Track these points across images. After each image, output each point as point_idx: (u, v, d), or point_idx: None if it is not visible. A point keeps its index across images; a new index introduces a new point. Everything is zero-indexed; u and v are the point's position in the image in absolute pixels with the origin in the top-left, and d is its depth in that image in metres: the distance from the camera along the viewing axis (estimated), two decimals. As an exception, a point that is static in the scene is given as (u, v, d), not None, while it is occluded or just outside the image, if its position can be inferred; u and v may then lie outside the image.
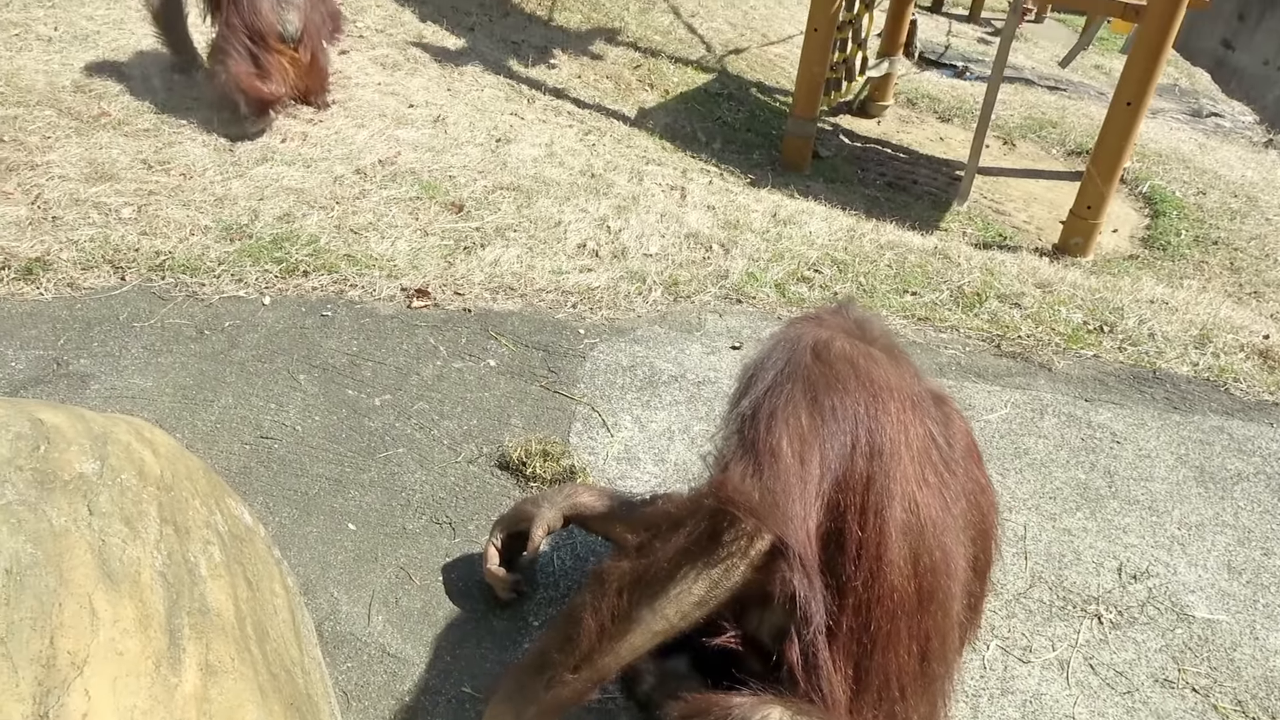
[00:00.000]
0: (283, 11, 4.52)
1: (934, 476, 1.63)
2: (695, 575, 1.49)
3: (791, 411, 1.55)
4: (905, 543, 1.54)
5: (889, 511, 1.53)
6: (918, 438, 1.63)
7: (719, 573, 1.49)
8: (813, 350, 1.65)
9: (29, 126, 4.27)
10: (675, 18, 9.43)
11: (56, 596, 1.30)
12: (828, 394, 1.57)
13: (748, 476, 1.50)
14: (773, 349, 1.71)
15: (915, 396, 1.69)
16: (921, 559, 1.55)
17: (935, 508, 1.59)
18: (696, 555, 1.49)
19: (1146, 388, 3.40)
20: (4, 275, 3.28)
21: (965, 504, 1.71)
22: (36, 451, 1.50)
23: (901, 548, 1.54)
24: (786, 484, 1.50)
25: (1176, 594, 2.51)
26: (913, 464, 1.59)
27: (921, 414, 1.67)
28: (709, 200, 4.76)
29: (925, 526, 1.57)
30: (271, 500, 2.51)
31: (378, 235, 3.84)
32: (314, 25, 4.72)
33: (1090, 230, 6.22)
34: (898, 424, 1.60)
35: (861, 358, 1.67)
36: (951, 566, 1.61)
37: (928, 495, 1.59)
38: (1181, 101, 11.04)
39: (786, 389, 1.58)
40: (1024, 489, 2.85)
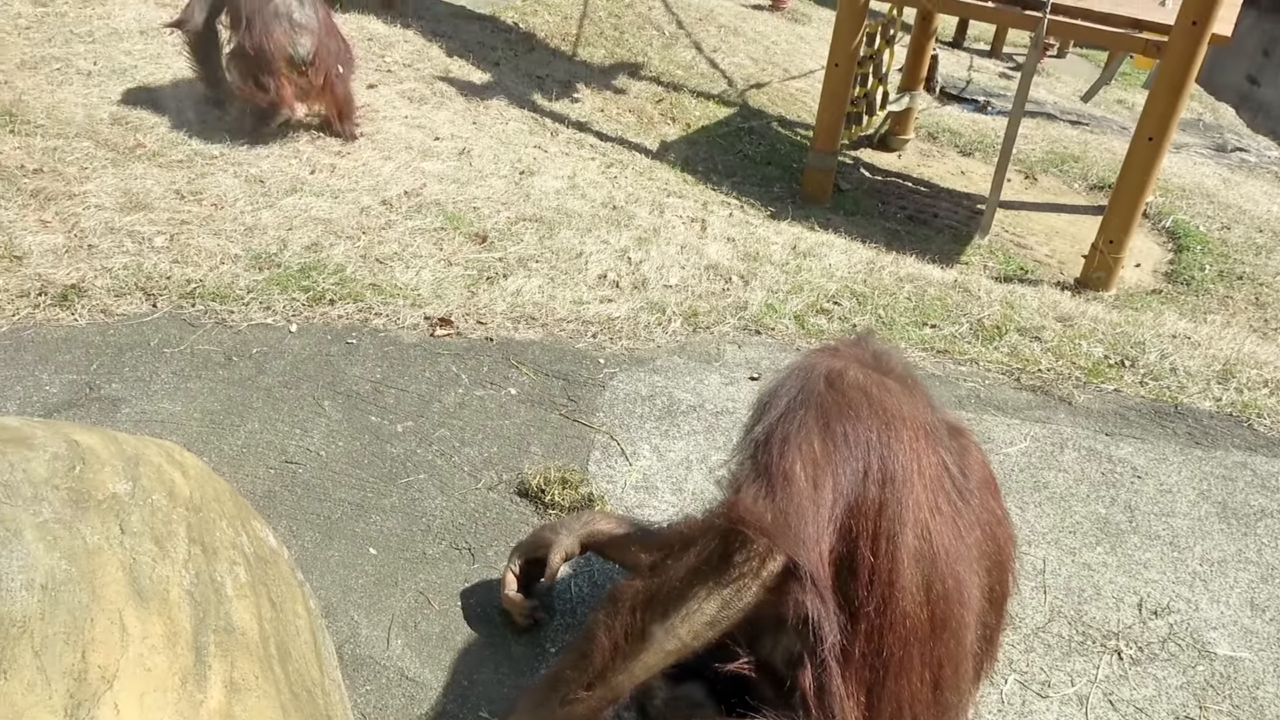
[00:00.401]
0: (295, 35, 4.67)
1: (947, 505, 1.65)
2: (707, 594, 1.51)
3: (804, 437, 1.57)
4: (917, 569, 1.55)
5: (901, 537, 1.55)
6: (930, 466, 1.64)
7: (731, 592, 1.51)
8: (826, 378, 1.68)
9: (67, 157, 4.38)
10: (698, 53, 9.56)
11: (89, 612, 1.34)
12: (840, 420, 1.59)
13: (760, 498, 1.52)
14: (787, 378, 1.73)
15: (929, 426, 1.71)
16: (934, 586, 1.57)
17: (948, 535, 1.61)
18: (708, 574, 1.51)
19: (1168, 422, 3.38)
20: (41, 301, 3.36)
21: (980, 534, 1.72)
22: (72, 472, 1.54)
23: (914, 574, 1.55)
24: (799, 506, 1.52)
25: (1198, 630, 2.49)
26: (925, 491, 1.61)
27: (935, 443, 1.69)
28: (729, 232, 4.80)
29: (938, 554, 1.58)
30: (295, 524, 2.55)
31: (402, 265, 3.90)
32: (328, 51, 4.86)
33: (1112, 264, 6.21)
34: (910, 452, 1.62)
35: (875, 387, 1.69)
36: (965, 595, 1.62)
37: (940, 523, 1.60)
38: (1206, 136, 11.02)
39: (799, 415, 1.60)
40: (1043, 523, 2.84)
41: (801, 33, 11.64)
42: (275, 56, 4.65)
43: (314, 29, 4.75)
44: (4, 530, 1.37)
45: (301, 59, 4.71)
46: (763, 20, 11.44)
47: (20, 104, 4.71)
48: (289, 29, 4.65)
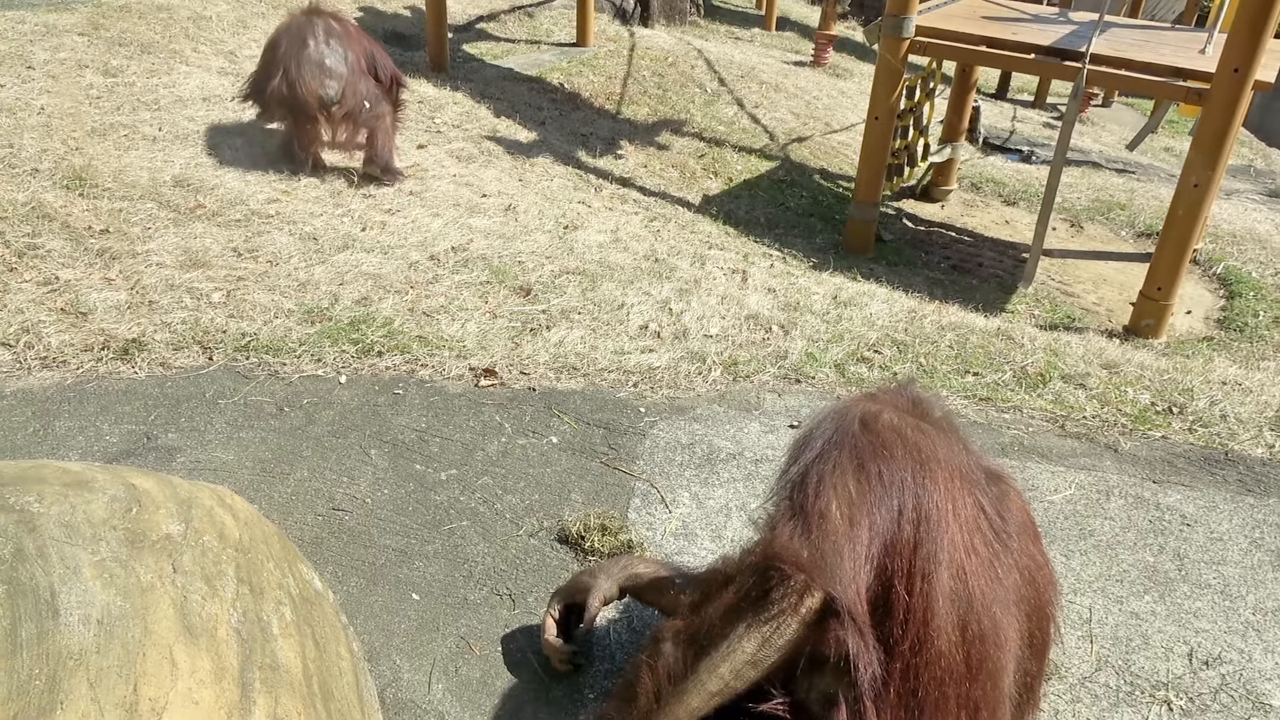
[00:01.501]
0: (324, 79, 5.26)
1: (984, 547, 1.65)
2: (747, 630, 1.53)
3: (839, 477, 1.60)
4: (953, 609, 1.55)
5: (936, 577, 1.55)
6: (966, 508, 1.65)
7: (770, 629, 1.53)
8: (861, 420, 1.71)
9: (132, 218, 4.59)
10: (739, 109, 9.71)
11: (141, 646, 1.39)
12: (874, 461, 1.62)
13: (796, 535, 1.54)
14: (822, 420, 1.76)
15: (965, 469, 1.71)
16: (969, 626, 1.56)
17: (984, 577, 1.61)
18: (747, 611, 1.53)
19: (1218, 469, 3.32)
20: (103, 355, 3.51)
21: (1019, 578, 1.71)
22: (129, 513, 1.62)
23: (949, 614, 1.55)
24: (835, 543, 1.54)
25: (1252, 681, 2.43)
26: (961, 532, 1.61)
27: (971, 486, 1.69)
28: (770, 283, 4.85)
29: (973, 595, 1.58)
30: (341, 569, 2.61)
31: (448, 317, 4.00)
32: (355, 92, 5.39)
33: (1162, 311, 6.13)
34: (945, 493, 1.63)
35: (909, 429, 1.71)
36: (1001, 637, 1.61)
37: (976, 564, 1.60)
38: (1258, 182, 10.88)
39: (834, 455, 1.63)
40: (1089, 571, 2.80)
41: (842, 87, 11.78)
42: (308, 97, 5.25)
43: (342, 73, 5.32)
44: (64, 568, 1.44)
45: (330, 99, 5.29)
46: (804, 76, 11.61)
47: (90, 169, 4.95)
48: (319, 74, 5.25)
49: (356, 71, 5.40)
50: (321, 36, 5.29)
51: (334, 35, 5.35)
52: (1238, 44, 5.43)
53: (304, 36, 5.26)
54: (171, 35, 7.37)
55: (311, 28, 5.29)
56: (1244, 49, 5.40)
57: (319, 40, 5.27)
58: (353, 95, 5.36)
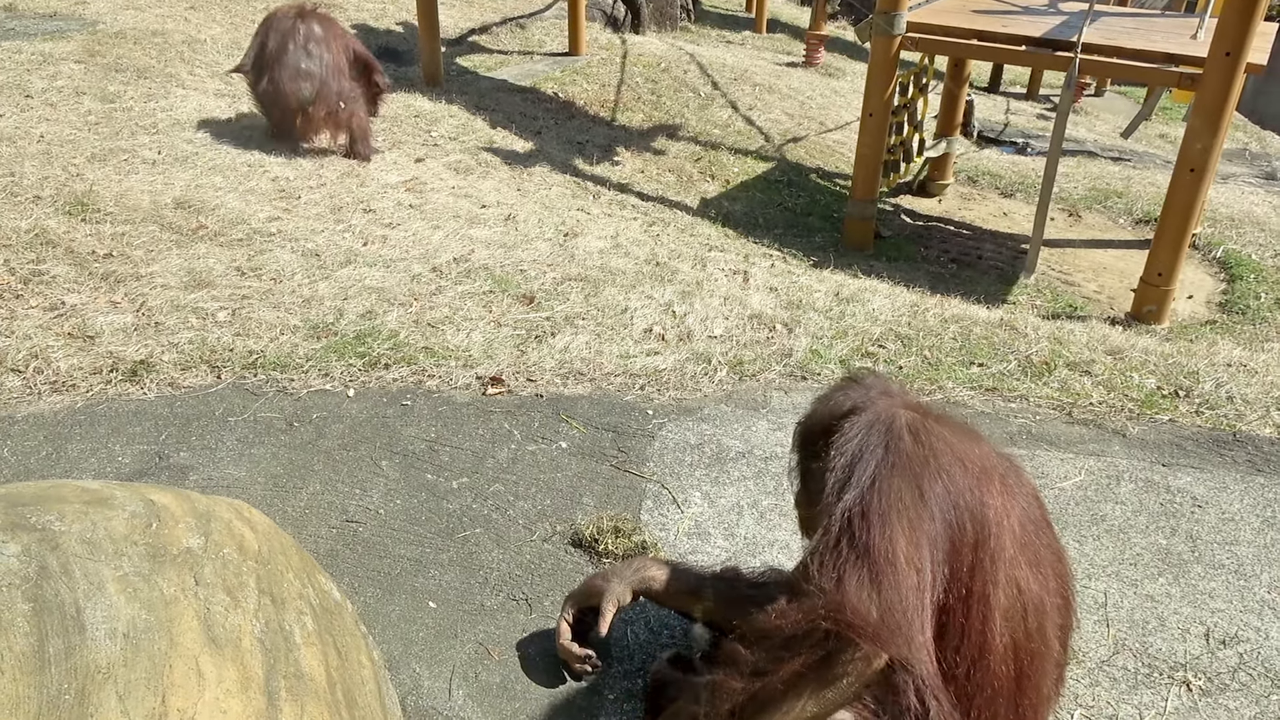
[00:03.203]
0: (300, 82, 5.91)
1: (1031, 555, 1.63)
2: (810, 696, 1.48)
3: (901, 509, 1.54)
4: (1007, 629, 1.53)
5: (993, 598, 1.53)
6: (1015, 515, 1.62)
7: (834, 694, 1.48)
8: (910, 431, 1.64)
9: (135, 241, 4.61)
10: (734, 111, 9.74)
11: (167, 658, 1.41)
12: (933, 481, 1.57)
13: (865, 591, 1.47)
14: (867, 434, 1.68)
15: (1003, 471, 1.68)
16: (1020, 643, 1.55)
17: (1035, 586, 1.59)
18: (812, 679, 1.48)
19: (1227, 451, 3.33)
20: (112, 378, 3.52)
21: (1051, 573, 1.70)
22: (149, 528, 1.63)
23: (1004, 634, 1.53)
24: (905, 601, 1.47)
25: (1269, 659, 2.43)
26: (1013, 545, 1.59)
27: (1013, 491, 1.66)
28: (772, 282, 4.86)
29: (1027, 608, 1.57)
30: (357, 580, 2.62)
31: (453, 328, 4.02)
32: (330, 90, 6.01)
33: (1163, 297, 6.14)
34: (999, 506, 1.60)
35: (950, 434, 1.67)
36: (1048, 644, 1.60)
37: (1026, 575, 1.58)
38: (1253, 165, 10.89)
39: (894, 484, 1.57)
40: (1103, 556, 2.80)
41: (835, 86, 11.81)
42: (288, 98, 5.91)
43: (317, 74, 5.95)
44: (88, 584, 1.46)
45: (307, 100, 5.94)
46: (796, 76, 11.64)
47: (91, 194, 4.98)
48: (295, 77, 5.89)
49: (331, 71, 6.02)
50: (301, 41, 5.91)
51: (313, 39, 5.96)
52: (1229, 28, 5.44)
53: (285, 42, 5.88)
54: (167, 59, 7.41)
55: (294, 33, 5.91)
56: (1235, 32, 5.42)
57: (298, 45, 5.90)
58: (328, 95, 5.99)
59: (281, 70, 5.87)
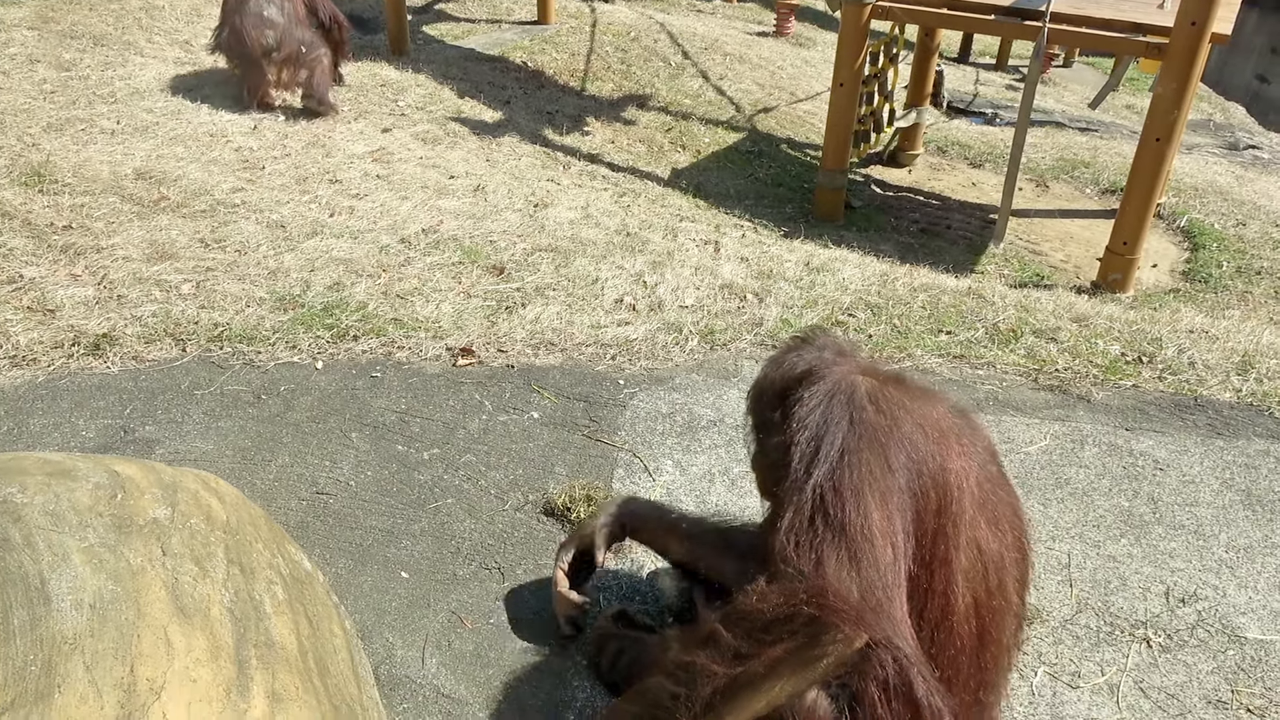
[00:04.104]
0: (264, 29, 6.12)
1: (990, 513, 1.65)
2: (789, 678, 1.48)
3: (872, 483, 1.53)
4: (969, 589, 1.56)
5: (955, 561, 1.55)
6: (973, 475, 1.63)
7: (813, 674, 1.48)
8: (870, 399, 1.64)
9: (95, 213, 4.52)
10: (704, 81, 9.69)
11: (135, 629, 1.40)
12: (898, 451, 1.57)
13: (844, 570, 1.46)
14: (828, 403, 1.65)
15: (959, 431, 1.69)
16: (981, 601, 1.57)
17: (995, 545, 1.61)
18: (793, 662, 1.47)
19: (1188, 415, 3.39)
20: (74, 351, 3.47)
21: (1008, 528, 1.72)
22: (114, 499, 1.61)
23: (965, 594, 1.55)
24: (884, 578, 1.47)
25: (1227, 616, 2.49)
26: (973, 506, 1.60)
27: (970, 450, 1.67)
28: (742, 253, 4.87)
29: (987, 567, 1.59)
30: (328, 552, 2.61)
31: (423, 299, 3.99)
32: (293, 38, 6.24)
33: (1128, 265, 6.22)
34: (960, 471, 1.61)
35: (908, 397, 1.67)
36: (1008, 600, 1.63)
37: (987, 534, 1.60)
38: (1217, 135, 11.02)
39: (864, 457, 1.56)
40: (1067, 518, 2.85)
41: (806, 56, 11.77)
42: (253, 46, 6.10)
43: (280, 23, 6.18)
44: (52, 555, 1.44)
45: (270, 47, 6.15)
46: (767, 46, 11.59)
47: (48, 165, 4.87)
48: (260, 25, 6.10)
49: (294, 20, 6.27)
50: None
51: None
52: (1194, -3, 5.48)
53: None
54: (124, 26, 7.24)
55: None
56: (1200, 2, 5.46)
57: None
58: (290, 41, 6.21)
59: (244, 19, 6.04)
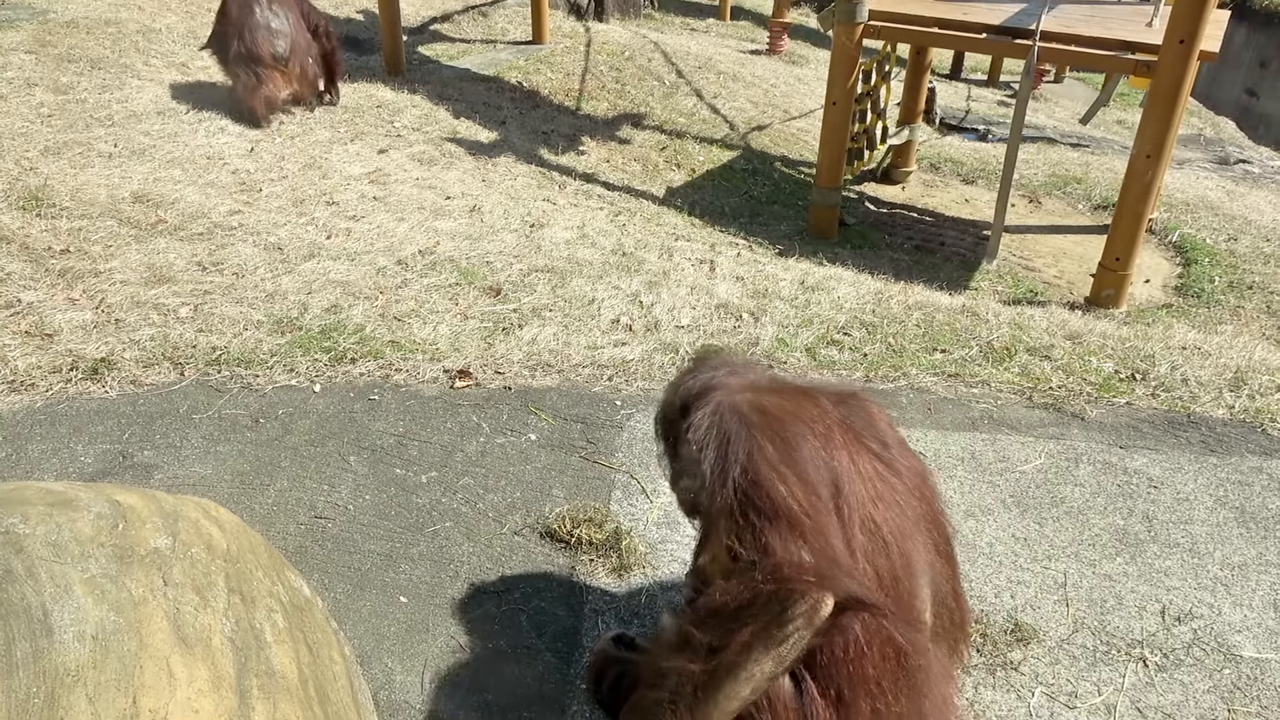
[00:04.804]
0: (273, 39, 6.42)
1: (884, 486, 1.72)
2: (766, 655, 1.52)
3: (785, 465, 1.62)
4: (871, 566, 1.62)
5: (855, 541, 1.62)
6: (863, 458, 1.72)
7: (788, 647, 1.52)
8: (757, 410, 1.73)
9: (92, 237, 4.54)
10: (699, 100, 9.75)
11: (137, 659, 1.40)
12: (797, 445, 1.67)
13: (791, 544, 1.52)
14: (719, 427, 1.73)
15: (842, 419, 1.78)
16: (884, 573, 1.63)
17: (892, 518, 1.68)
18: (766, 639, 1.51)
19: (1181, 432, 3.41)
20: (72, 376, 3.47)
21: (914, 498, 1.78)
22: (115, 529, 1.62)
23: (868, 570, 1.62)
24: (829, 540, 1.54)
25: (1222, 634, 2.51)
26: (864, 484, 1.68)
27: (858, 435, 1.76)
28: (738, 271, 4.89)
29: (889, 543, 1.65)
30: (327, 576, 2.62)
31: (420, 321, 4.01)
32: (298, 47, 6.59)
33: (1121, 281, 6.25)
34: (845, 453, 1.69)
35: (789, 402, 1.77)
36: (914, 566, 1.69)
37: (883, 509, 1.67)
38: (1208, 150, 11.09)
39: (768, 449, 1.64)
40: (1062, 537, 2.87)
41: (799, 74, 11.85)
42: (263, 55, 6.37)
43: (287, 32, 6.50)
44: (55, 586, 1.45)
45: (280, 55, 6.44)
46: (760, 64, 11.67)
47: (46, 188, 4.89)
48: (269, 35, 6.41)
49: (297, 28, 6.63)
50: (265, 3, 6.43)
51: (275, 1, 6.50)
52: (1182, 16, 5.54)
53: (252, 6, 6.36)
54: (121, 50, 7.28)
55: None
56: (1189, 21, 5.51)
57: (264, 8, 6.41)
58: (297, 49, 6.59)
59: (253, 32, 6.33)
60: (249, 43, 6.32)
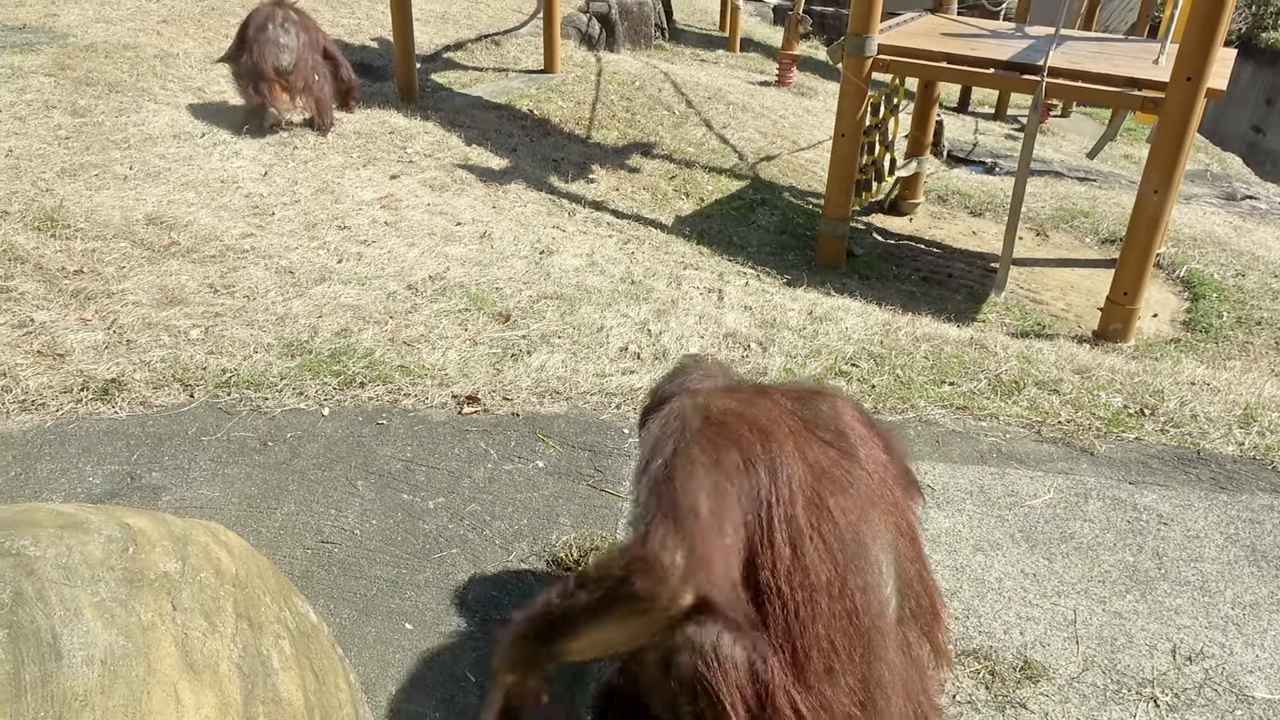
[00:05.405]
0: (280, 53, 6.66)
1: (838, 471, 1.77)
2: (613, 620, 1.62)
3: (701, 473, 1.69)
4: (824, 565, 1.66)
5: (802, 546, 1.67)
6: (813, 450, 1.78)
7: (636, 623, 1.60)
8: (703, 414, 1.82)
9: (106, 258, 4.57)
10: (708, 130, 9.82)
11: (145, 685, 1.40)
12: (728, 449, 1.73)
13: (668, 540, 1.60)
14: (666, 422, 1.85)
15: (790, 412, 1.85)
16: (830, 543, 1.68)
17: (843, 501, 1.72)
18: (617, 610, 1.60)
19: (1191, 468, 3.40)
20: (83, 396, 3.49)
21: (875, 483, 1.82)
22: (125, 553, 1.62)
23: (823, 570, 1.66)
24: (709, 550, 1.61)
25: (1234, 675, 2.48)
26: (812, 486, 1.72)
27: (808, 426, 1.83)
28: (746, 301, 4.90)
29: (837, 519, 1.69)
30: (333, 602, 2.61)
31: (429, 346, 4.02)
32: (305, 64, 6.80)
33: (1129, 315, 6.25)
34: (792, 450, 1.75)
35: (740, 404, 1.85)
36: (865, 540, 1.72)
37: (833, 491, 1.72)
38: (1215, 186, 11.12)
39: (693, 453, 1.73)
40: (1072, 573, 2.85)
41: (808, 105, 11.93)
42: (268, 69, 6.60)
43: (294, 48, 6.75)
44: (64, 610, 1.45)
45: (285, 69, 6.67)
46: (770, 96, 11.76)
47: (61, 209, 4.93)
48: (276, 50, 6.64)
49: (307, 48, 6.84)
50: (280, 22, 6.72)
51: (290, 21, 6.79)
52: (1190, 54, 5.57)
53: (266, 24, 6.67)
54: (139, 74, 7.36)
55: (273, 17, 6.70)
56: (1196, 58, 5.55)
57: (277, 25, 6.70)
58: (302, 66, 6.77)
59: (262, 46, 6.62)
60: (256, 56, 6.64)
